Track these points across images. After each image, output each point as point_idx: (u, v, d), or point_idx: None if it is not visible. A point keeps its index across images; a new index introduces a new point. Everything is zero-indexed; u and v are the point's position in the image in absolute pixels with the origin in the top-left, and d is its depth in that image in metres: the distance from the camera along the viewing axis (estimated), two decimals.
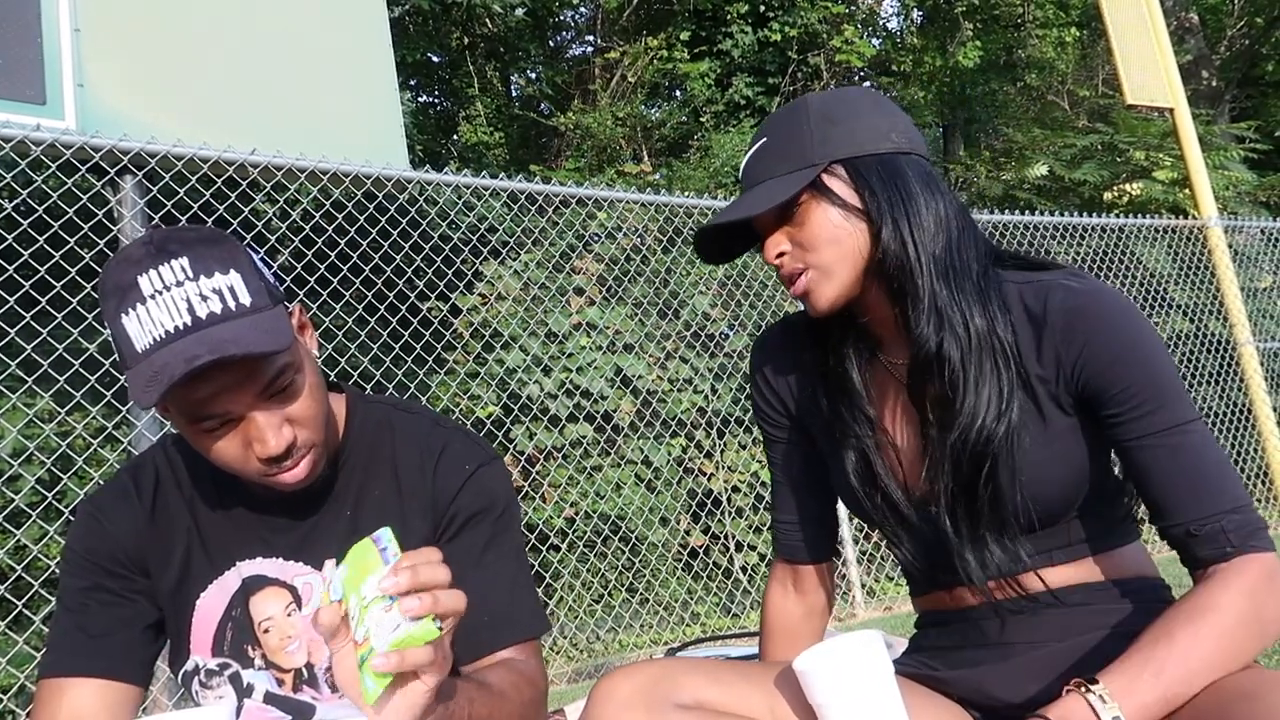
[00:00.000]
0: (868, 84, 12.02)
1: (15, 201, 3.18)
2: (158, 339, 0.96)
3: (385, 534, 0.89)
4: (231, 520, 1.17)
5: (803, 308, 1.18)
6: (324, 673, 1.16)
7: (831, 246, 1.09)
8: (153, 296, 0.97)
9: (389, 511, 1.18)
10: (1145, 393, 1.01)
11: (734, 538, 5.05)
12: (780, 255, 1.12)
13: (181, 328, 0.96)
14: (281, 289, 1.12)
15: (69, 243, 3.06)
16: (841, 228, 1.09)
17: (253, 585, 1.16)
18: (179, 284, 0.98)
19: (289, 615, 1.16)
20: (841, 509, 2.54)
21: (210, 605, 1.16)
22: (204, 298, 0.98)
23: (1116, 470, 1.15)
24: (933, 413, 1.09)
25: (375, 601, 0.85)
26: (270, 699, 1.16)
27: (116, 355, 1.00)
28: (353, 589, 0.87)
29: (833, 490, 1.26)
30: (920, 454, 1.14)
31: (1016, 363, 1.06)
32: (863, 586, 4.83)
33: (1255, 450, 6.01)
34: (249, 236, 3.78)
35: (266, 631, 1.16)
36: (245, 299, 1.01)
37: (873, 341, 1.18)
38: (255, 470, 1.05)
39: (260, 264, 1.09)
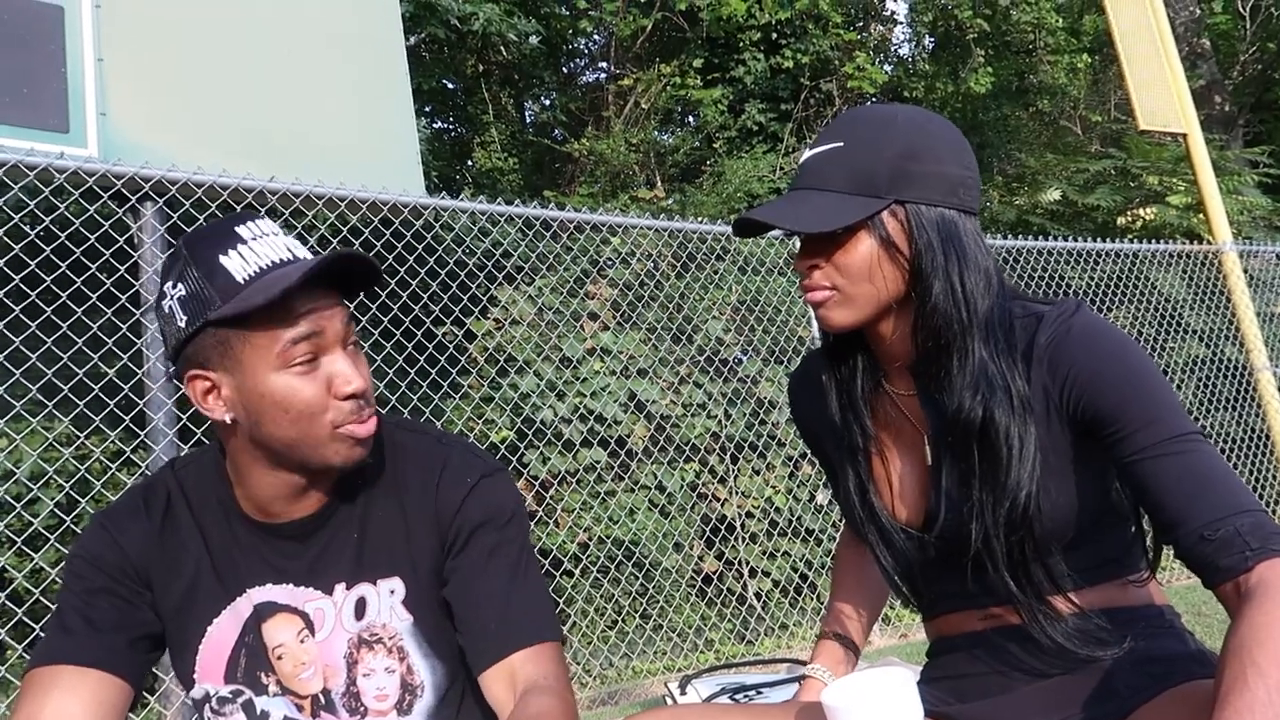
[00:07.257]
0: None
1: (38, 228, 3.22)
2: (262, 268, 1.07)
3: None
4: (241, 547, 1.17)
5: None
6: (340, 698, 1.16)
7: (865, 282, 1.08)
8: (253, 239, 1.09)
9: (395, 530, 1.18)
10: (1138, 406, 1.00)
11: (748, 564, 5.02)
12: (812, 268, 1.11)
13: (282, 261, 1.08)
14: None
15: (90, 268, 3.10)
16: (881, 267, 1.08)
17: (264, 612, 1.16)
18: (275, 234, 1.11)
19: (302, 642, 1.16)
20: None
21: (222, 633, 1.16)
22: (298, 246, 1.13)
23: (1120, 498, 1.14)
24: (980, 470, 1.08)
25: None
26: None
27: (207, 294, 1.07)
28: None
29: None
30: (916, 484, 1.16)
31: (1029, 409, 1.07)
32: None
33: (1273, 475, 5.96)
34: None
35: (280, 658, 1.16)
36: None
37: (879, 369, 1.19)
38: (329, 421, 1.08)
39: None
